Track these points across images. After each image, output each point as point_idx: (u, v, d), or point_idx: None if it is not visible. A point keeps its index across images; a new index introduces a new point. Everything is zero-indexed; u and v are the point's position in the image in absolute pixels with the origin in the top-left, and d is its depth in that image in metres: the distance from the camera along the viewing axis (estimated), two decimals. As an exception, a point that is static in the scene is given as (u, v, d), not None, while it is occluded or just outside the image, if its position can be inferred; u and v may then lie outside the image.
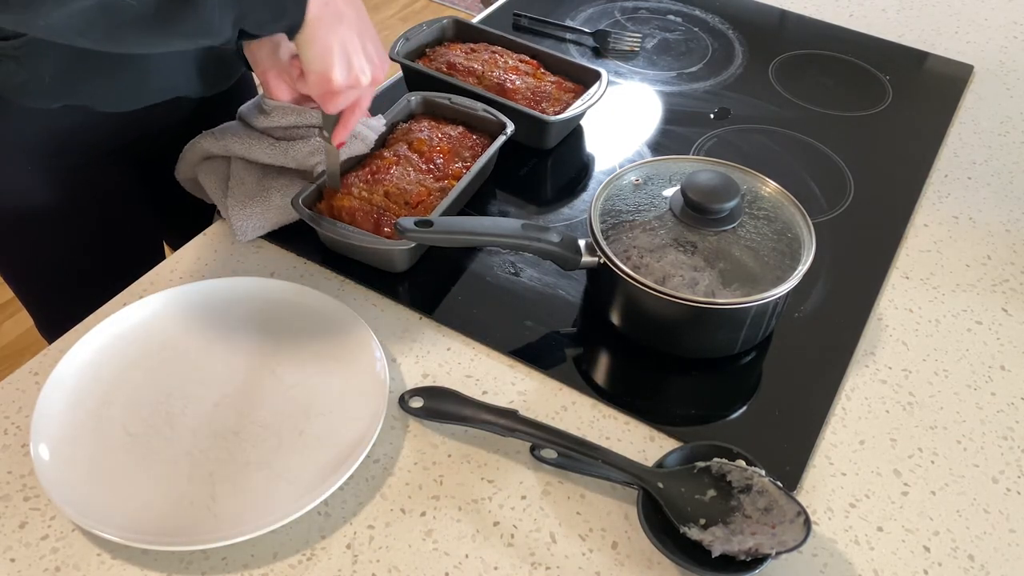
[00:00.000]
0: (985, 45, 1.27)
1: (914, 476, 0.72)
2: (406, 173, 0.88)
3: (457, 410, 0.72)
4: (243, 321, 0.79)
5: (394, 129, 0.95)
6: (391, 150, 0.91)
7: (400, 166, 0.88)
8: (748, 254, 0.76)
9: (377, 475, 0.70)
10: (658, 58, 1.21)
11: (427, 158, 0.90)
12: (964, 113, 1.13)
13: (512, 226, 0.77)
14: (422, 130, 0.93)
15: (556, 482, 0.70)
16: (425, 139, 0.92)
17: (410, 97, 0.98)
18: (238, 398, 0.73)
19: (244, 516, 0.65)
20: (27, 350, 1.89)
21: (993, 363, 0.81)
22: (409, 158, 0.90)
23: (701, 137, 1.06)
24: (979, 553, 0.67)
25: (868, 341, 0.82)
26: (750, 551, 0.62)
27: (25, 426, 0.72)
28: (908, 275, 0.89)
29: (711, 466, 0.67)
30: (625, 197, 0.81)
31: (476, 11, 2.36)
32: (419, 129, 0.93)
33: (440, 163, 0.90)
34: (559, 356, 0.79)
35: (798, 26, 1.29)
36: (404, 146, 0.91)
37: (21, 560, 0.64)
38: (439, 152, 0.91)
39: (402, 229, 0.75)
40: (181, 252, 0.88)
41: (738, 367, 0.80)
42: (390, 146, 0.92)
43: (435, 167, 0.90)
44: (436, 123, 0.95)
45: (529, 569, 0.64)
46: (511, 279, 0.86)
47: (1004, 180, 1.02)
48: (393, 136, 0.94)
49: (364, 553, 0.65)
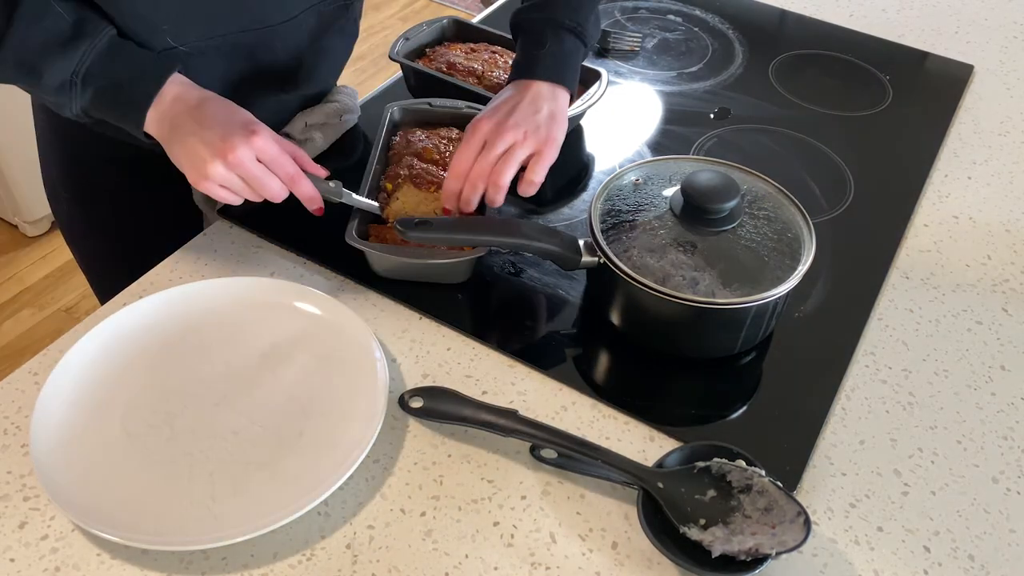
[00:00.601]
0: (985, 45, 1.27)
1: (914, 476, 0.72)
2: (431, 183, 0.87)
3: (457, 410, 0.72)
4: (243, 321, 0.79)
5: (390, 146, 0.94)
6: (402, 167, 0.89)
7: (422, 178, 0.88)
8: (748, 254, 0.76)
9: (377, 475, 0.70)
10: (658, 58, 1.21)
11: (442, 165, 0.90)
12: (964, 113, 1.13)
13: (512, 226, 0.78)
14: (420, 140, 0.92)
15: (556, 482, 0.70)
16: (431, 147, 0.91)
17: (391, 108, 0.96)
18: (238, 398, 0.73)
19: (244, 516, 0.65)
20: (27, 350, 1.89)
21: (993, 363, 0.81)
22: (427, 169, 0.88)
23: (701, 137, 1.06)
24: (979, 553, 0.67)
25: (868, 341, 0.82)
26: (750, 551, 0.62)
27: (25, 426, 0.71)
28: (908, 275, 0.89)
29: (711, 466, 0.67)
30: (625, 197, 0.81)
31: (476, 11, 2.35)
32: (417, 140, 0.92)
33: None
34: (559, 356, 0.79)
35: (798, 26, 1.29)
36: (413, 159, 0.90)
37: (21, 560, 0.64)
38: (450, 156, 0.90)
39: (403, 230, 0.75)
40: (181, 252, 0.88)
41: (738, 367, 0.80)
42: (396, 164, 0.90)
43: None
44: (429, 130, 0.94)
45: (529, 569, 0.64)
46: (511, 279, 0.86)
47: (1004, 180, 1.02)
48: (394, 152, 0.92)
49: (364, 553, 0.65)
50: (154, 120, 0.76)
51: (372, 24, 3.00)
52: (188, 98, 0.76)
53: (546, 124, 0.84)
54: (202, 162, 0.73)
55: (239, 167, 0.74)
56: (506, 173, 0.81)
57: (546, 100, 0.85)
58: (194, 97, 0.76)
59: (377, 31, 2.98)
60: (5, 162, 1.99)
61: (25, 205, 2.08)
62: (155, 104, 0.75)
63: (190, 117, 0.75)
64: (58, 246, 2.13)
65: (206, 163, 0.73)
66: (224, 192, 0.76)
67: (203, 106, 0.75)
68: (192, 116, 0.75)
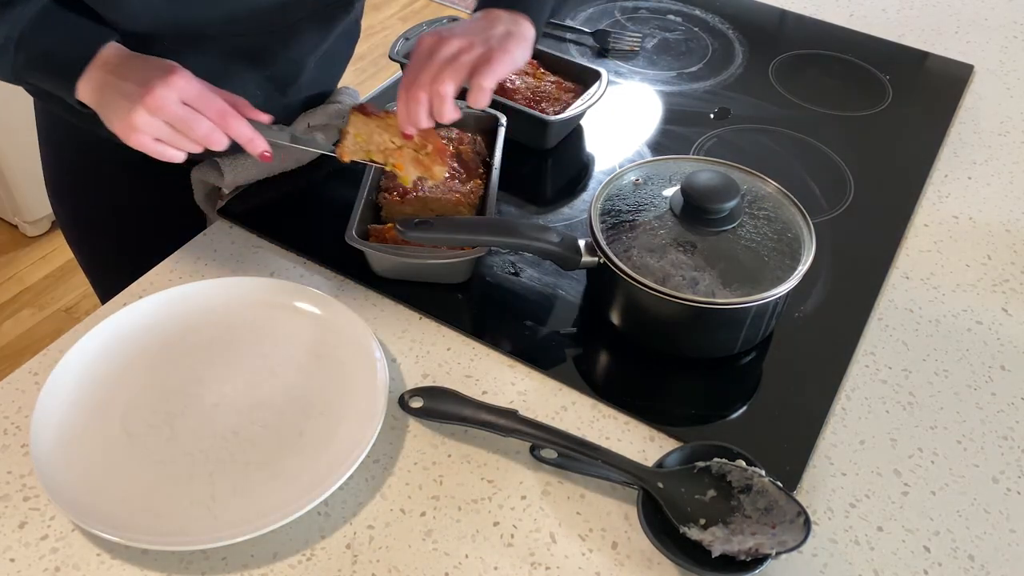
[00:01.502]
0: (985, 45, 1.27)
1: (914, 476, 0.72)
2: (434, 185, 0.87)
3: (457, 410, 0.72)
4: (243, 321, 0.79)
5: None
6: None
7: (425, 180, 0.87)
8: (748, 254, 0.76)
9: (377, 475, 0.70)
10: (658, 58, 1.20)
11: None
12: (964, 113, 1.13)
13: (512, 226, 0.78)
14: None
15: (556, 482, 0.70)
16: None
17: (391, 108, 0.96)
18: (238, 398, 0.73)
19: (244, 516, 0.65)
20: (27, 350, 1.89)
21: (993, 363, 0.81)
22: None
23: (701, 137, 1.06)
24: (979, 553, 0.67)
25: (868, 341, 0.82)
26: (750, 551, 0.62)
27: (25, 426, 0.71)
28: (908, 275, 0.89)
29: (711, 466, 0.67)
30: (625, 197, 0.81)
31: (476, 11, 2.35)
32: None
33: (456, 166, 0.90)
34: (559, 356, 0.79)
35: (798, 26, 1.29)
36: None
37: (21, 560, 0.64)
38: (451, 156, 0.90)
39: (403, 230, 0.75)
40: (181, 252, 0.88)
41: (738, 367, 0.80)
42: None
43: (454, 171, 0.89)
44: None
45: (529, 569, 0.64)
46: (511, 279, 0.86)
47: (1004, 180, 1.02)
48: None
49: (364, 553, 0.65)
50: (88, 89, 0.73)
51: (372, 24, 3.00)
52: (115, 60, 0.73)
53: (500, 38, 0.75)
54: (126, 113, 0.70)
55: (161, 110, 0.69)
56: (446, 80, 0.72)
57: (504, 22, 0.77)
58: (121, 56, 0.73)
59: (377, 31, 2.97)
60: (5, 162, 1.99)
61: (25, 205, 2.08)
62: (87, 72, 0.72)
63: (112, 74, 0.72)
64: (58, 246, 2.13)
65: (129, 113, 0.69)
66: (158, 145, 0.72)
67: (125, 63, 0.72)
68: (114, 73, 0.72)
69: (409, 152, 0.80)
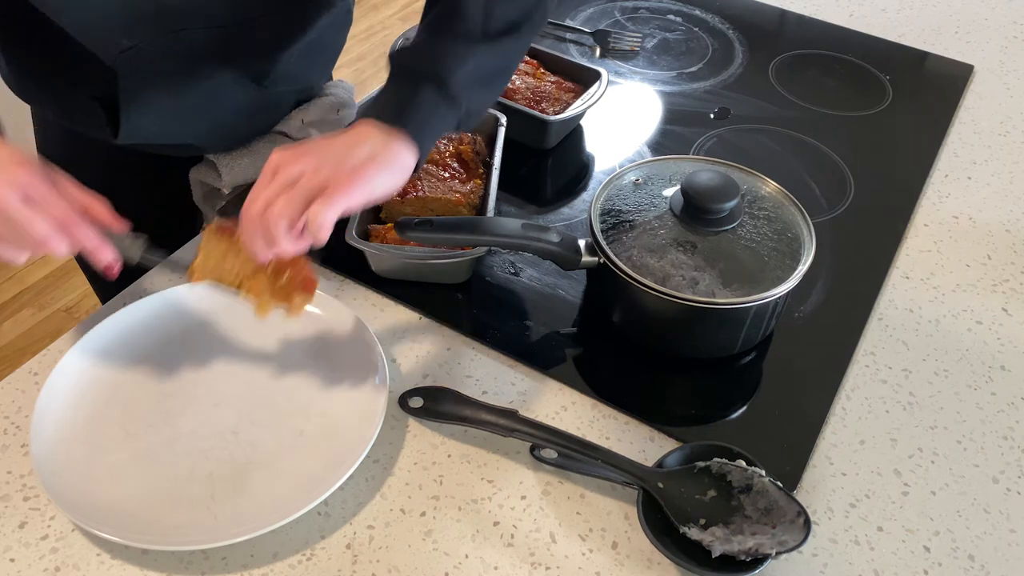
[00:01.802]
0: (985, 45, 1.27)
1: (914, 476, 0.72)
2: (434, 185, 0.87)
3: (457, 410, 0.72)
4: (243, 321, 0.79)
5: None
6: None
7: (424, 180, 0.88)
8: (748, 254, 0.76)
9: (377, 475, 0.70)
10: (658, 58, 1.21)
11: (442, 165, 0.90)
12: (964, 113, 1.13)
13: (512, 226, 0.77)
14: None
15: (556, 482, 0.70)
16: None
17: None
18: (238, 398, 0.73)
19: (244, 516, 0.65)
20: (27, 350, 1.89)
21: (993, 363, 0.81)
22: (427, 169, 0.89)
23: (701, 137, 1.06)
24: (979, 553, 0.67)
25: (868, 341, 0.82)
26: (750, 551, 0.62)
27: (25, 426, 0.71)
28: (908, 275, 0.89)
29: (711, 466, 0.67)
30: (625, 197, 0.81)
31: (476, 11, 2.35)
32: None
33: (456, 166, 0.90)
34: (559, 356, 0.79)
35: (798, 26, 1.29)
36: None
37: (21, 560, 0.64)
38: (451, 156, 0.90)
39: (403, 230, 0.75)
40: (181, 252, 0.87)
41: (738, 367, 0.80)
42: None
43: (454, 171, 0.89)
44: None
45: (529, 569, 0.64)
46: (511, 279, 0.86)
47: (1004, 180, 1.02)
48: None
49: (364, 553, 0.65)
50: None
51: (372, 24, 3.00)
52: None
53: (357, 162, 0.65)
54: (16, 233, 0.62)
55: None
56: (278, 213, 0.62)
57: (371, 142, 0.67)
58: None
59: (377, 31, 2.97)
60: (5, 162, 1.99)
61: (25, 205, 2.08)
62: None
63: None
64: (58, 246, 2.13)
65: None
66: None
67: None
68: None
69: (264, 280, 0.70)
